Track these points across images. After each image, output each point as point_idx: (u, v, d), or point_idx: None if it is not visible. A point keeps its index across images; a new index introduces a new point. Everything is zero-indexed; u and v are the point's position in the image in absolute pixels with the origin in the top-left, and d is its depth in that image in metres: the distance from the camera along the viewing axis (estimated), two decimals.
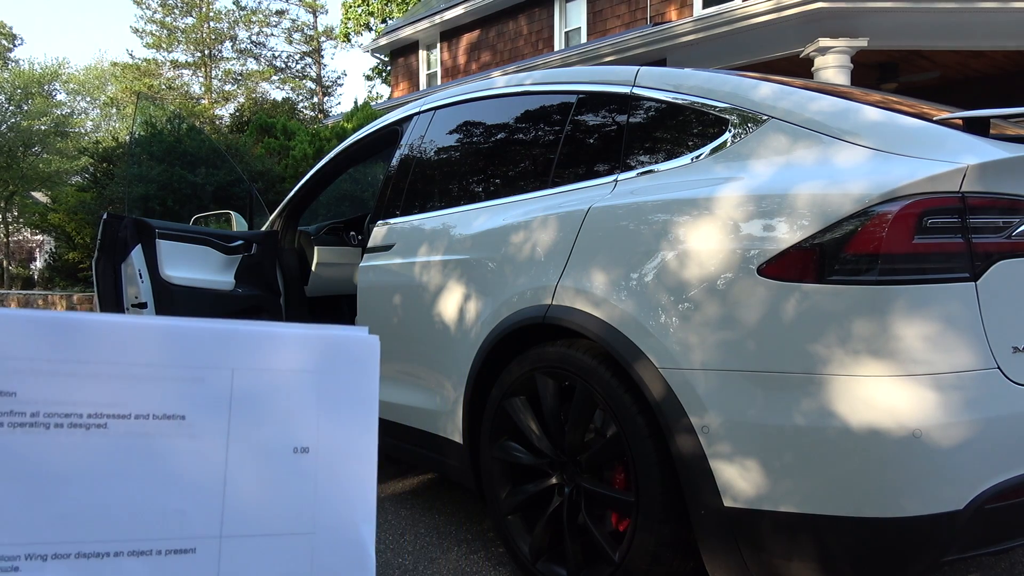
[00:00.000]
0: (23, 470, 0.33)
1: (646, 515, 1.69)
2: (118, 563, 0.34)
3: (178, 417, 0.36)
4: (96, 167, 12.46)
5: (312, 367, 0.39)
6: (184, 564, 0.35)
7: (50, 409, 0.34)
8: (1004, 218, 1.47)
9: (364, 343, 0.41)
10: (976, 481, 1.38)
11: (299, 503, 0.38)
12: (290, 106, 26.91)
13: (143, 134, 10.66)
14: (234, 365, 0.38)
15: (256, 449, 0.38)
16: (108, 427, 0.35)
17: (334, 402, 0.40)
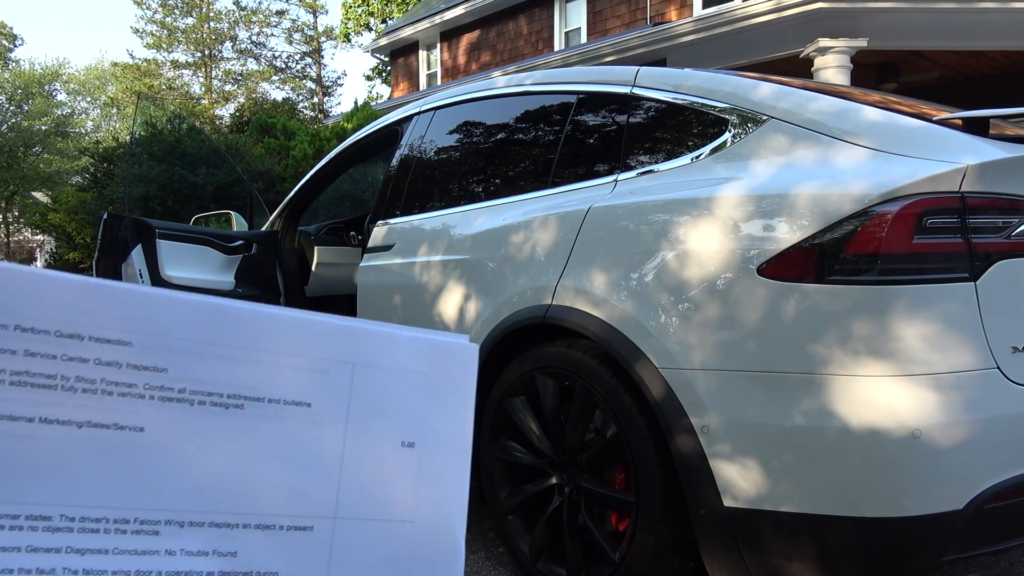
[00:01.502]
0: (169, 443, 0.35)
1: (646, 515, 1.69)
2: (246, 534, 0.37)
3: (305, 404, 0.39)
4: (96, 167, 12.46)
5: (421, 368, 0.43)
6: (302, 540, 0.38)
7: (196, 387, 0.36)
8: (1004, 218, 1.47)
9: (466, 350, 0.44)
10: (976, 481, 1.38)
11: (404, 493, 0.41)
12: (290, 106, 26.91)
13: (143, 134, 10.66)
14: (355, 360, 0.41)
15: (370, 440, 0.41)
16: (244, 408, 0.37)
17: (438, 402, 0.43)
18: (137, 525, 0.35)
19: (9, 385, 0.33)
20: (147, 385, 0.36)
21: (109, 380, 0.35)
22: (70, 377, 0.34)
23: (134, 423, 0.35)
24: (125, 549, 0.34)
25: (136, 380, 0.35)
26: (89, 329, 0.34)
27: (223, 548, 0.36)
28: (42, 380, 0.33)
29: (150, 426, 0.35)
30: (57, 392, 0.34)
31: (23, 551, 0.32)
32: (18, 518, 0.33)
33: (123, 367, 0.35)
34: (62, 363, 0.34)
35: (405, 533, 0.41)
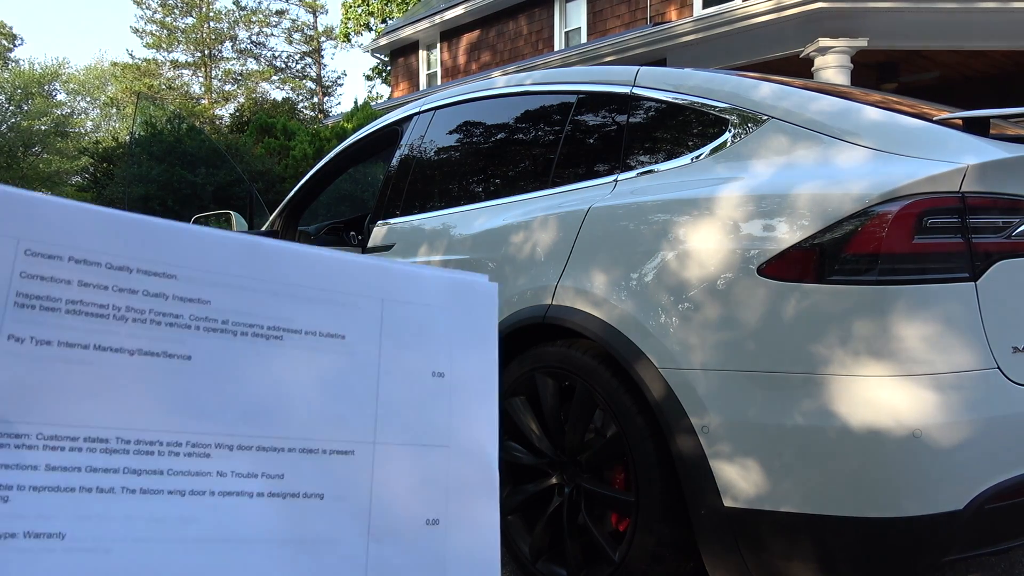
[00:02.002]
0: (215, 370, 0.38)
1: (646, 515, 1.69)
2: (291, 458, 0.39)
3: (339, 336, 0.41)
4: (96, 167, 12.46)
5: (445, 304, 0.45)
6: (344, 464, 0.40)
7: (238, 319, 0.38)
8: (1004, 218, 1.47)
9: (486, 288, 0.47)
10: (976, 481, 1.38)
11: (437, 420, 0.43)
12: (290, 106, 26.92)
13: (143, 134, 10.67)
14: (383, 296, 0.43)
15: (402, 370, 0.43)
16: (283, 339, 0.40)
17: (463, 337, 0.45)
18: (189, 448, 0.37)
19: (65, 313, 0.35)
20: (192, 316, 0.38)
21: (157, 311, 0.37)
22: (121, 307, 0.36)
23: (181, 351, 0.37)
24: (179, 470, 0.36)
25: (182, 311, 0.37)
26: (137, 262, 0.36)
27: (271, 471, 0.39)
28: (95, 309, 0.35)
29: (197, 354, 0.38)
30: (109, 321, 0.36)
31: (83, 471, 0.34)
32: (77, 440, 0.34)
33: (169, 299, 0.37)
34: (113, 294, 0.36)
35: (440, 457, 0.43)
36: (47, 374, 0.34)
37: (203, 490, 0.37)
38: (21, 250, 0.34)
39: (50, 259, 0.34)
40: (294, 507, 0.39)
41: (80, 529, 0.34)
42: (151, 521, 0.35)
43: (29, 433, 0.34)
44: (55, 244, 0.35)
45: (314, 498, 0.39)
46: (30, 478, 0.33)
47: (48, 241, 0.35)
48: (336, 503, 0.40)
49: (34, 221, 0.34)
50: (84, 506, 0.34)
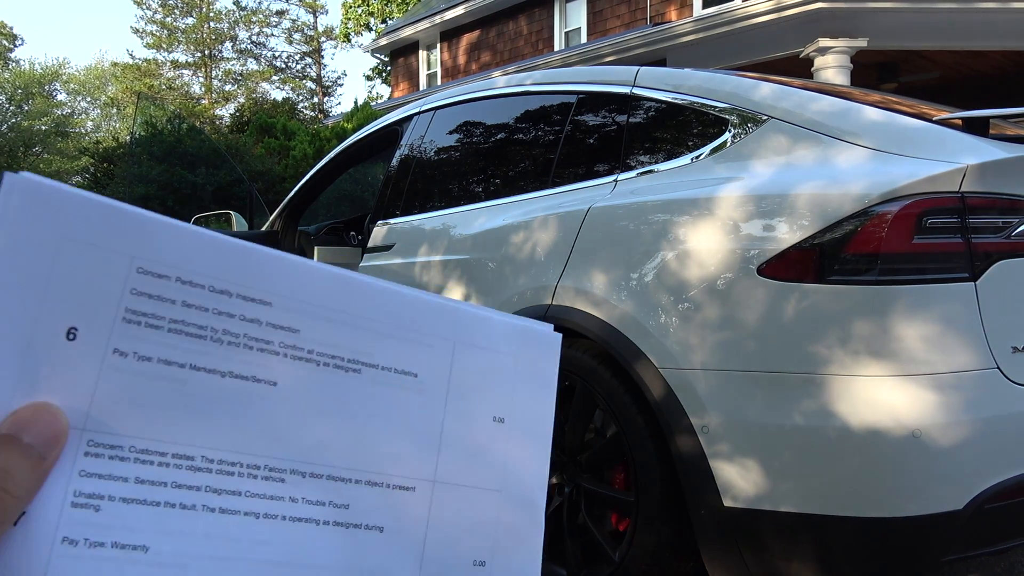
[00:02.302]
0: (297, 398, 0.38)
1: (646, 515, 1.69)
2: (357, 489, 0.40)
3: (412, 374, 0.42)
4: (96, 167, 12.46)
5: (512, 351, 0.46)
6: (405, 499, 0.41)
7: (322, 349, 0.39)
8: (1004, 218, 1.47)
9: (551, 338, 0.49)
10: (976, 481, 1.38)
11: (493, 464, 0.44)
12: (290, 106, 26.92)
13: (143, 134, 10.67)
14: (456, 339, 0.44)
15: (466, 412, 0.44)
16: (361, 372, 0.41)
17: (524, 384, 0.47)
18: (266, 472, 0.38)
19: (167, 332, 0.36)
20: (282, 343, 0.39)
21: (251, 336, 0.38)
22: (218, 330, 0.37)
23: (269, 377, 0.38)
24: (255, 493, 0.37)
25: (273, 338, 0.38)
26: (237, 287, 0.37)
27: (338, 500, 0.40)
28: (195, 330, 0.36)
29: (282, 381, 0.38)
30: (207, 342, 0.36)
31: (169, 486, 0.35)
32: (166, 455, 0.35)
33: (263, 325, 0.38)
34: (212, 316, 0.37)
35: (493, 501, 0.44)
36: (144, 389, 0.35)
37: (276, 514, 0.38)
38: (134, 268, 0.35)
39: (159, 278, 0.35)
40: (356, 537, 0.40)
41: (163, 543, 0.34)
42: (227, 540, 0.36)
43: (123, 445, 0.34)
44: (165, 264, 0.36)
45: (374, 530, 0.40)
46: (121, 489, 0.34)
47: (159, 260, 0.35)
48: (394, 536, 0.41)
49: (147, 240, 0.35)
50: (168, 521, 0.35)
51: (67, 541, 0.32)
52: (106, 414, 0.34)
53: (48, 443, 0.32)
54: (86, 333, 0.34)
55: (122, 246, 0.35)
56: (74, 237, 0.34)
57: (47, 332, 0.33)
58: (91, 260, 0.34)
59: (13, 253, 0.32)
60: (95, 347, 0.34)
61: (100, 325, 0.34)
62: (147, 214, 0.36)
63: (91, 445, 0.34)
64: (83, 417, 0.34)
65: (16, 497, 0.31)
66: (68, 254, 0.33)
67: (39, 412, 0.32)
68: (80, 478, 0.33)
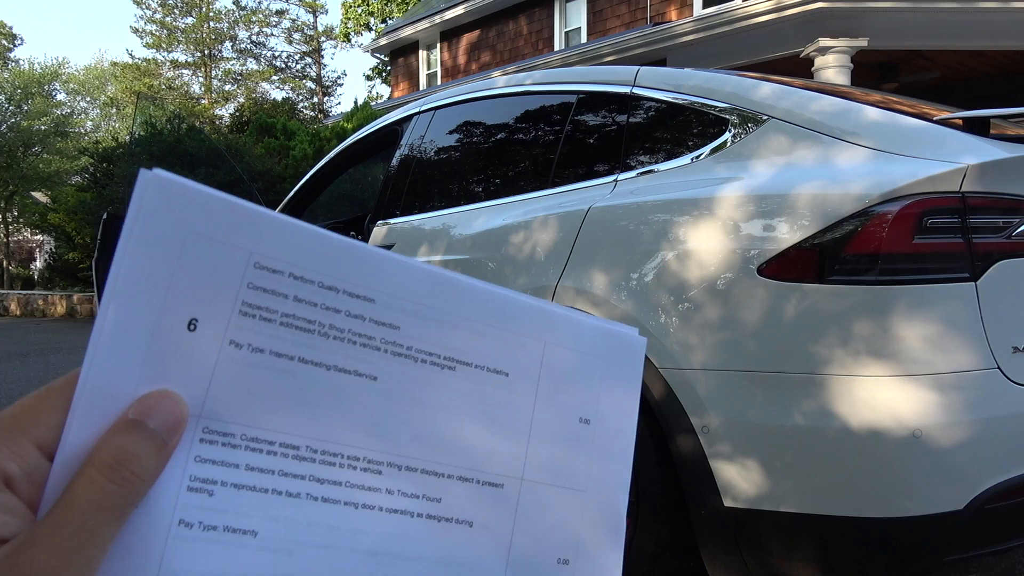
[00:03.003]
0: (396, 393, 0.39)
1: (646, 515, 1.69)
2: (449, 484, 0.40)
3: (503, 373, 0.43)
4: (96, 167, 12.47)
5: (599, 353, 0.46)
6: (494, 496, 0.42)
7: (421, 346, 0.40)
8: (1004, 218, 1.47)
9: (637, 342, 0.48)
10: (976, 481, 1.38)
11: (579, 464, 0.45)
12: (290, 106, 26.90)
13: (143, 134, 10.67)
14: (546, 339, 0.44)
15: (554, 413, 0.44)
16: (456, 370, 0.41)
17: (610, 387, 0.46)
18: (365, 463, 0.39)
19: (279, 325, 0.37)
20: (383, 339, 0.40)
21: (355, 331, 0.39)
22: (325, 324, 0.38)
23: (370, 372, 0.39)
24: (355, 483, 0.38)
25: (375, 334, 0.39)
26: (344, 284, 0.39)
27: (431, 493, 0.40)
28: (304, 324, 0.37)
29: (382, 376, 0.39)
30: (314, 336, 0.38)
31: (276, 474, 0.36)
32: (274, 444, 0.36)
33: (366, 321, 0.39)
34: (320, 311, 0.38)
35: (577, 501, 0.45)
36: (256, 380, 0.36)
37: (374, 505, 0.39)
38: (252, 263, 0.36)
39: (274, 273, 0.37)
40: (446, 530, 0.41)
41: (270, 529, 0.36)
42: (329, 529, 0.37)
43: (235, 433, 0.36)
44: (279, 259, 0.37)
45: (464, 524, 0.41)
46: (233, 476, 0.35)
47: (274, 256, 0.37)
48: (483, 531, 0.42)
49: (264, 236, 0.37)
50: (275, 508, 0.36)
51: (183, 524, 0.34)
52: (220, 403, 0.35)
53: (171, 429, 0.33)
54: (206, 324, 0.35)
55: (241, 241, 0.36)
56: (199, 231, 0.35)
57: (171, 322, 0.34)
58: (213, 254, 0.35)
59: (146, 245, 0.34)
60: (213, 338, 0.35)
61: (219, 317, 0.35)
62: (265, 211, 0.37)
63: (206, 432, 0.35)
64: (200, 405, 0.35)
65: (143, 480, 0.32)
66: (193, 248, 0.35)
67: (163, 399, 0.33)
68: (196, 463, 0.35)
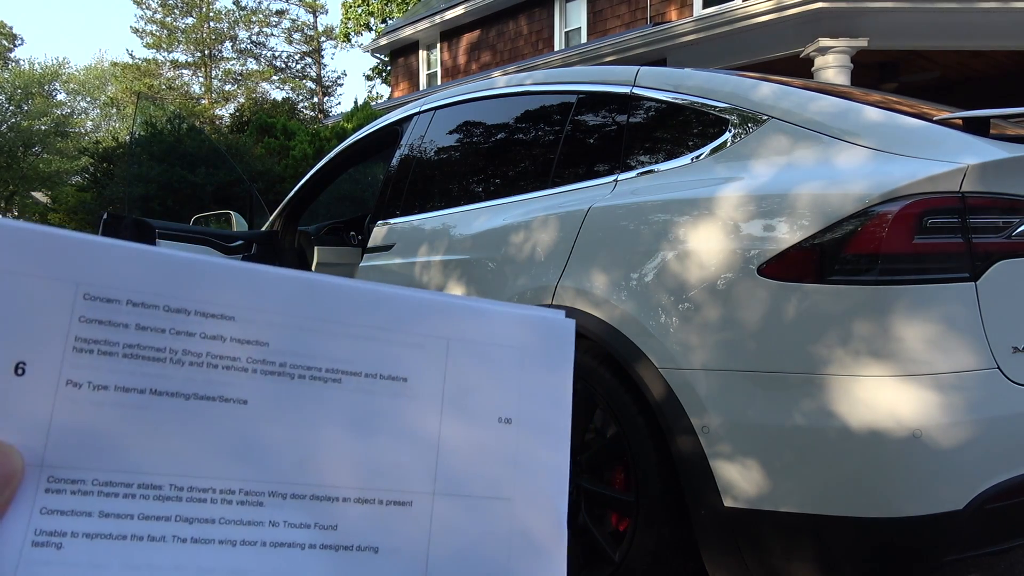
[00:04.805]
0: (271, 415, 0.36)
1: (646, 515, 1.69)
2: (345, 508, 0.37)
3: (401, 379, 0.39)
4: (96, 167, 12.47)
5: (517, 344, 0.42)
6: (401, 515, 0.39)
7: (296, 361, 0.37)
8: (1004, 218, 1.47)
9: (563, 324, 0.44)
10: (976, 481, 1.38)
11: (501, 470, 0.41)
12: (290, 106, 26.90)
13: (143, 134, 10.67)
14: (449, 335, 0.41)
15: (466, 416, 0.41)
16: (342, 382, 0.38)
17: (534, 379, 0.43)
18: (242, 496, 0.36)
19: (122, 358, 0.34)
20: (250, 359, 0.37)
21: (214, 353, 0.36)
22: (178, 350, 0.35)
23: (238, 396, 0.36)
24: (231, 519, 0.35)
25: (239, 353, 0.36)
26: (195, 304, 0.36)
27: (323, 521, 0.37)
28: (152, 353, 0.35)
29: (253, 399, 0.36)
30: (166, 365, 0.35)
31: (136, 518, 0.34)
32: (131, 486, 0.34)
33: (227, 341, 0.36)
34: (170, 337, 0.35)
35: (504, 510, 0.41)
36: (103, 419, 0.34)
37: (254, 540, 0.36)
38: (80, 294, 0.34)
39: (108, 303, 0.34)
40: (347, 560, 0.38)
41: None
42: (200, 571, 0.35)
43: (85, 479, 0.33)
44: (113, 288, 0.34)
45: (368, 551, 0.38)
46: (85, 525, 0.33)
47: (106, 285, 0.34)
48: (391, 556, 0.38)
49: (92, 264, 0.34)
50: (135, 555, 0.34)
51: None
52: (65, 448, 0.33)
53: (1, 483, 0.31)
54: (35, 366, 0.33)
55: (65, 273, 0.33)
56: (12, 269, 0.32)
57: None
58: (33, 291, 0.33)
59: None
60: (46, 380, 0.33)
61: (49, 357, 0.33)
62: (90, 238, 0.35)
63: (51, 481, 0.33)
64: (40, 453, 0.33)
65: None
66: (8, 287, 0.32)
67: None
68: (41, 516, 0.32)
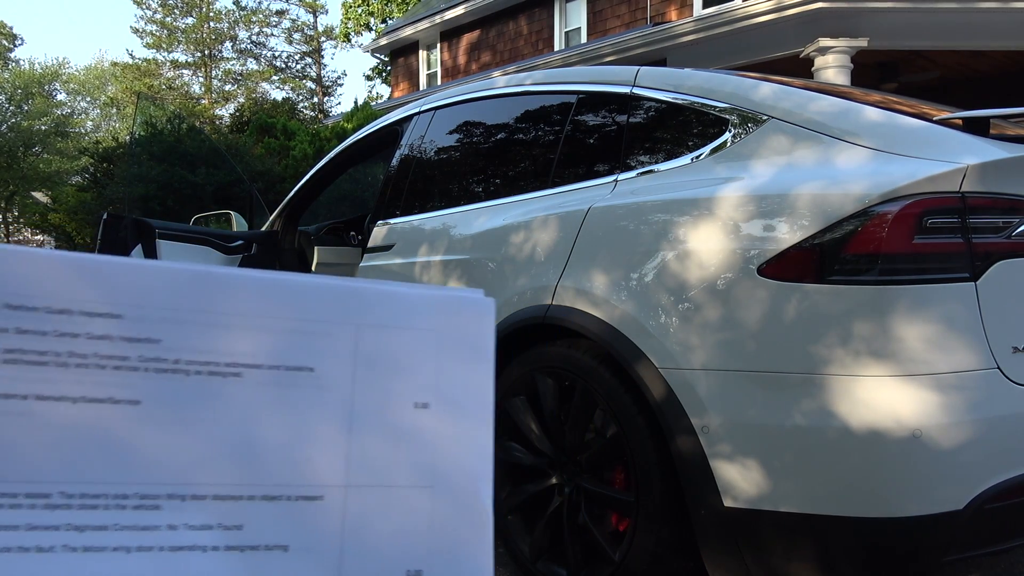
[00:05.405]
0: (166, 414, 0.35)
1: (646, 515, 1.69)
2: (252, 507, 0.36)
3: (307, 369, 0.38)
4: (96, 167, 12.46)
5: (432, 326, 0.41)
6: (312, 510, 0.37)
7: (191, 357, 0.36)
8: (1004, 218, 1.47)
9: (480, 304, 0.42)
10: (976, 481, 1.38)
11: (419, 458, 0.40)
12: (290, 106, 26.88)
13: (143, 134, 10.66)
14: (358, 321, 0.40)
15: (379, 403, 0.39)
16: (243, 376, 0.37)
17: (452, 361, 0.41)
18: (137, 500, 0.34)
19: (2, 364, 0.33)
20: (141, 357, 0.35)
21: (102, 354, 0.34)
22: (62, 353, 0.34)
23: (129, 396, 0.35)
24: (125, 525, 0.34)
25: (129, 352, 0.35)
26: (78, 304, 0.34)
27: (228, 521, 0.36)
28: (35, 357, 0.33)
29: (146, 399, 0.35)
30: (50, 368, 0.33)
31: (22, 529, 0.32)
32: (17, 496, 0.32)
33: (115, 340, 0.35)
34: (53, 339, 0.34)
35: (423, 500, 0.40)
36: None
37: (151, 545, 0.34)
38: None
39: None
40: (254, 560, 0.36)
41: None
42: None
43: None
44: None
45: (277, 550, 0.36)
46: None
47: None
48: (303, 554, 0.37)
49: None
50: (21, 567, 0.32)
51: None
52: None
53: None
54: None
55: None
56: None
57: None
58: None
59: None
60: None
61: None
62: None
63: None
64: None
65: None
66: None
67: None
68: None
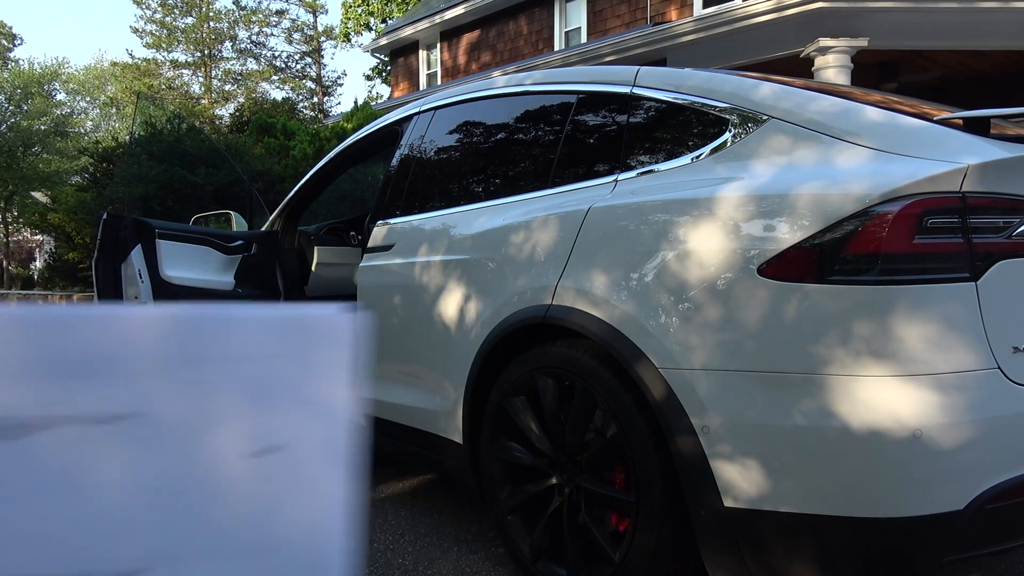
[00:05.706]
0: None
1: (646, 515, 1.69)
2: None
3: (122, 417, 0.30)
4: (96, 167, 12.46)
5: (278, 352, 0.33)
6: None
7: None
8: (1004, 218, 1.47)
9: (335, 323, 0.34)
10: (977, 481, 1.38)
11: (258, 516, 0.32)
12: (290, 106, 26.85)
13: (143, 134, 10.66)
14: (186, 354, 0.32)
15: (208, 455, 0.32)
16: (34, 435, 0.29)
17: (300, 394, 0.34)
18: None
19: None
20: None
21: None
22: None
23: None
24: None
25: None
26: None
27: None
28: None
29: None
30: None
31: None
32: None
33: None
34: None
35: (267, 565, 0.32)
36: None
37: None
38: None
39: None
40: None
41: None
42: None
43: None
44: None
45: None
46: None
47: None
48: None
49: None
50: None
51: None
52: None
53: None
54: None
55: None
56: None
57: None
58: None
59: None
60: None
61: None
62: None
63: None
64: None
65: None
66: None
67: None
68: None
